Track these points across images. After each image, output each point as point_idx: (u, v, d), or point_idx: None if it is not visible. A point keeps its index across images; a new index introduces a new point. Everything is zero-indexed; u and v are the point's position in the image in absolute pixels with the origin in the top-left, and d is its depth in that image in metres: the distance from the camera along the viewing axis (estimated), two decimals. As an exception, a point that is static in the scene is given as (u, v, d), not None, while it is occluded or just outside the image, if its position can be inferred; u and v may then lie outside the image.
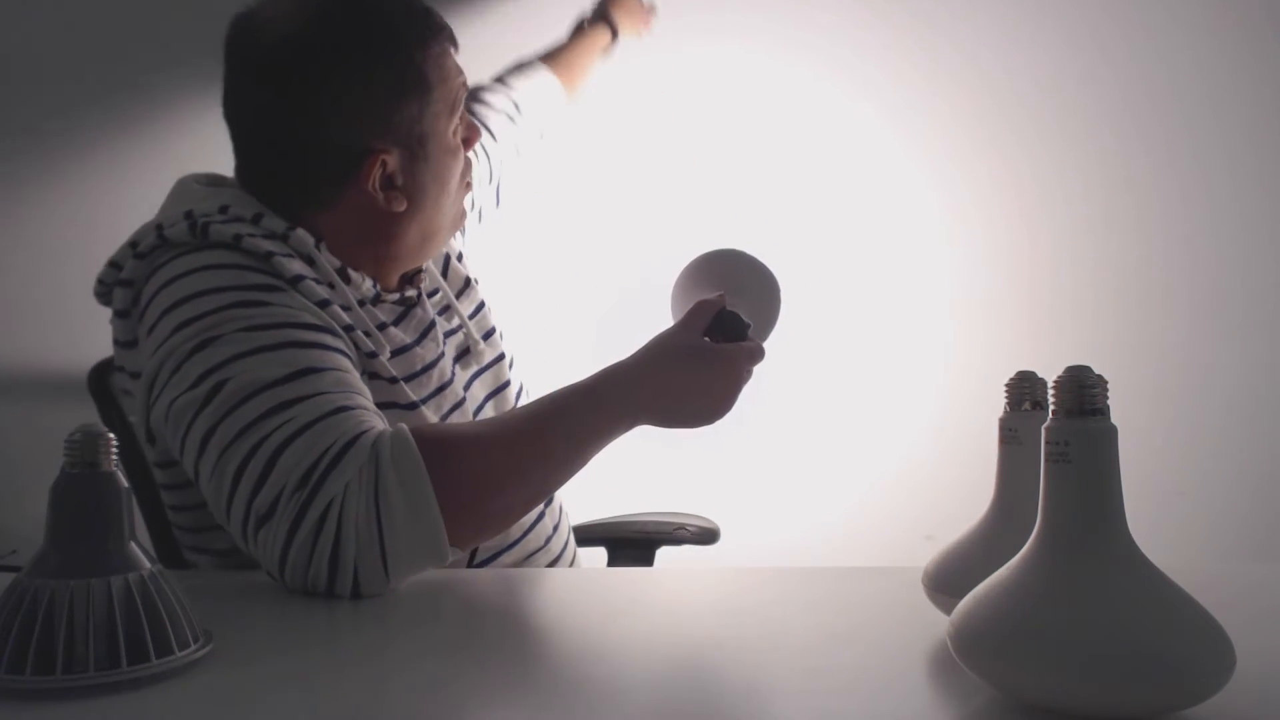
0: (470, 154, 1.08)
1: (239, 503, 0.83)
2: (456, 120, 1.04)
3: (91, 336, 1.19)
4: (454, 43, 1.04)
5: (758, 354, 1.01)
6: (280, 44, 0.97)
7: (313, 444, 0.82)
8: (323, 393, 0.86)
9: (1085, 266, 1.71)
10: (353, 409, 0.86)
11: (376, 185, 0.99)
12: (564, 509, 1.18)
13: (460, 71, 1.04)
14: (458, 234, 1.23)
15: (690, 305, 1.01)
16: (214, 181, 1.05)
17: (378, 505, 0.81)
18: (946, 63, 1.67)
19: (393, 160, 0.99)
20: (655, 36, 1.58)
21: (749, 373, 1.00)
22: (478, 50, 1.12)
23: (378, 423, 0.87)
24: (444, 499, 0.83)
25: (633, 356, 0.97)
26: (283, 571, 0.81)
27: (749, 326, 1.01)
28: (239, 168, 1.03)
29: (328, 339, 0.92)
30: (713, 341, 0.98)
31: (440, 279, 1.13)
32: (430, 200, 1.03)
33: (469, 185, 1.09)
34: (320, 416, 0.84)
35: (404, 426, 0.85)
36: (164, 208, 1.01)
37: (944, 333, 1.70)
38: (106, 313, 1.00)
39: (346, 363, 0.92)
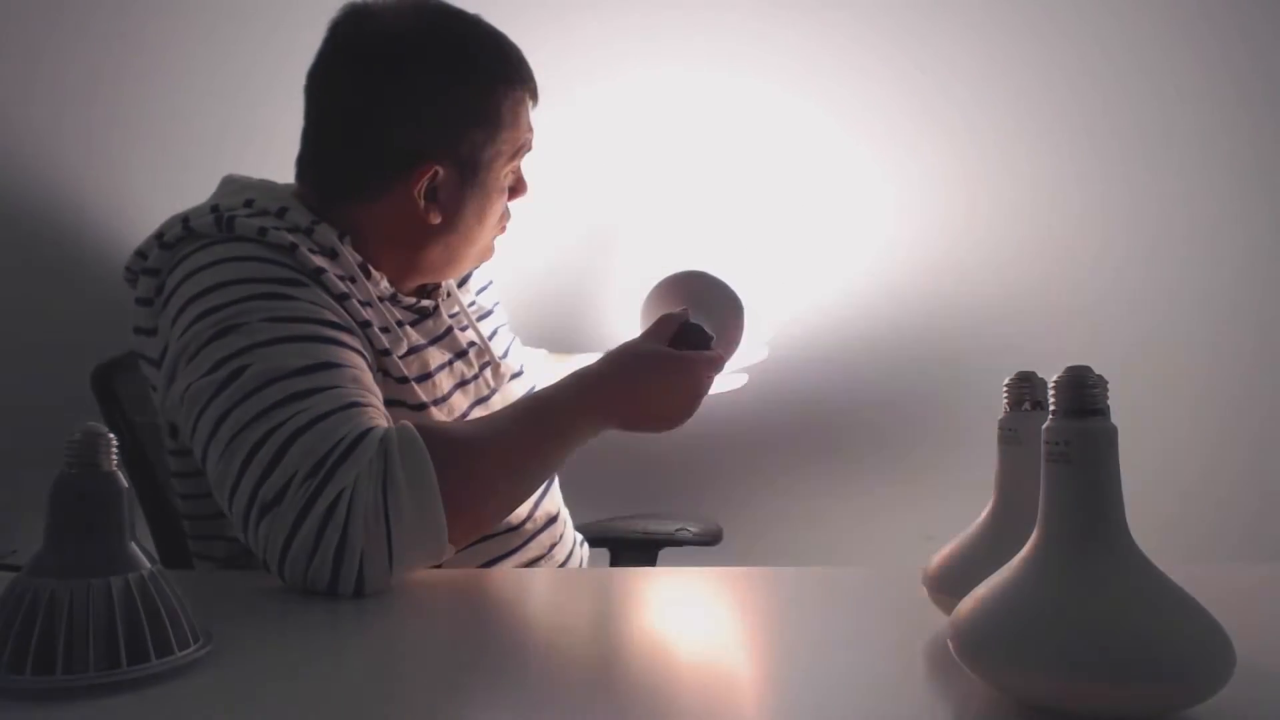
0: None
1: (245, 487, 0.83)
2: (511, 168, 1.09)
3: (94, 336, 1.19)
4: (535, 98, 1.09)
5: (718, 363, 1.05)
6: (382, 37, 1.02)
7: (325, 435, 0.83)
8: (338, 387, 0.87)
9: (1085, 266, 1.70)
10: (365, 406, 0.88)
11: (421, 193, 1.03)
12: (566, 517, 1.18)
13: (531, 128, 1.10)
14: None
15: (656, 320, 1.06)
16: (261, 181, 1.08)
17: (386, 499, 0.82)
18: (943, 60, 1.67)
19: (443, 175, 1.03)
20: (641, 49, 1.60)
21: (710, 380, 1.04)
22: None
23: (385, 423, 0.88)
24: (446, 497, 0.84)
25: (599, 363, 1.01)
26: (283, 561, 0.81)
27: (712, 338, 1.06)
28: (302, 146, 1.07)
29: (346, 337, 0.93)
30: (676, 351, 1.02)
31: (462, 303, 1.16)
32: (464, 226, 1.07)
33: (504, 228, 1.13)
34: (335, 409, 0.85)
35: (408, 424, 0.86)
36: (209, 201, 1.03)
37: (944, 333, 1.70)
38: (109, 312, 1.00)
39: (362, 362, 0.93)
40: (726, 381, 1.21)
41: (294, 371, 0.87)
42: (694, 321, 1.06)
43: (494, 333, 1.20)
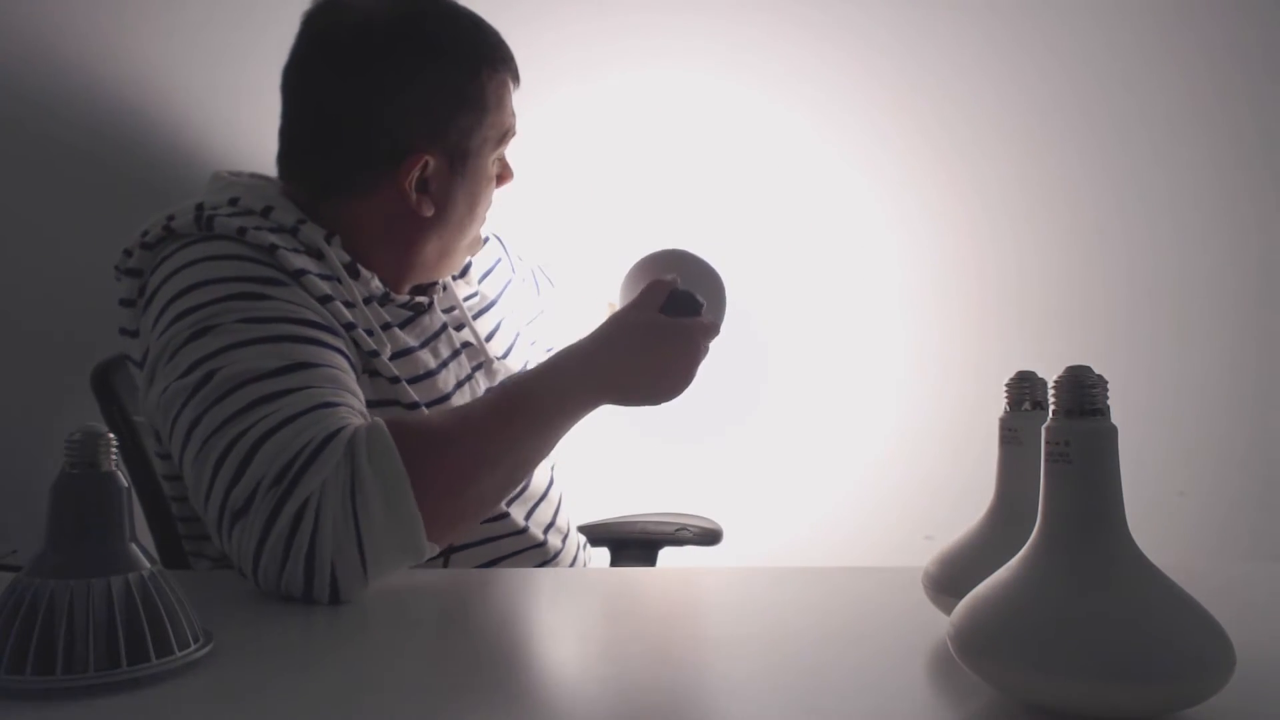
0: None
1: (216, 495, 0.81)
2: (498, 154, 1.07)
3: (94, 335, 1.19)
4: (516, 79, 1.07)
5: (713, 330, 1.00)
6: (360, 28, 0.99)
7: (292, 439, 0.81)
8: (310, 387, 0.85)
9: (1085, 267, 1.71)
10: (337, 405, 0.85)
11: (412, 185, 1.01)
12: (571, 519, 1.17)
13: (514, 113, 1.07)
14: (505, 254, 1.28)
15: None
16: (252, 176, 1.06)
17: (354, 502, 0.79)
18: (945, 61, 1.67)
19: (433, 165, 1.01)
20: (622, 61, 1.60)
21: (706, 348, 0.99)
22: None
23: (359, 421, 0.85)
24: (420, 493, 0.81)
25: (589, 337, 0.96)
26: (256, 570, 0.79)
27: (703, 305, 1.00)
28: (281, 144, 1.05)
29: (326, 337, 0.91)
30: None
31: (457, 298, 1.14)
32: (455, 216, 1.05)
33: (485, 219, 1.11)
34: (303, 411, 0.83)
35: (380, 420, 0.84)
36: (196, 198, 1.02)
37: (944, 333, 1.70)
38: (109, 311, 1.00)
39: (342, 361, 0.91)
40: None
41: (266, 374, 0.84)
42: (684, 289, 1.00)
43: (497, 327, 1.18)
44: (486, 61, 1.02)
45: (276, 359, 0.86)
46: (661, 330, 0.96)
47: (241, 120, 1.50)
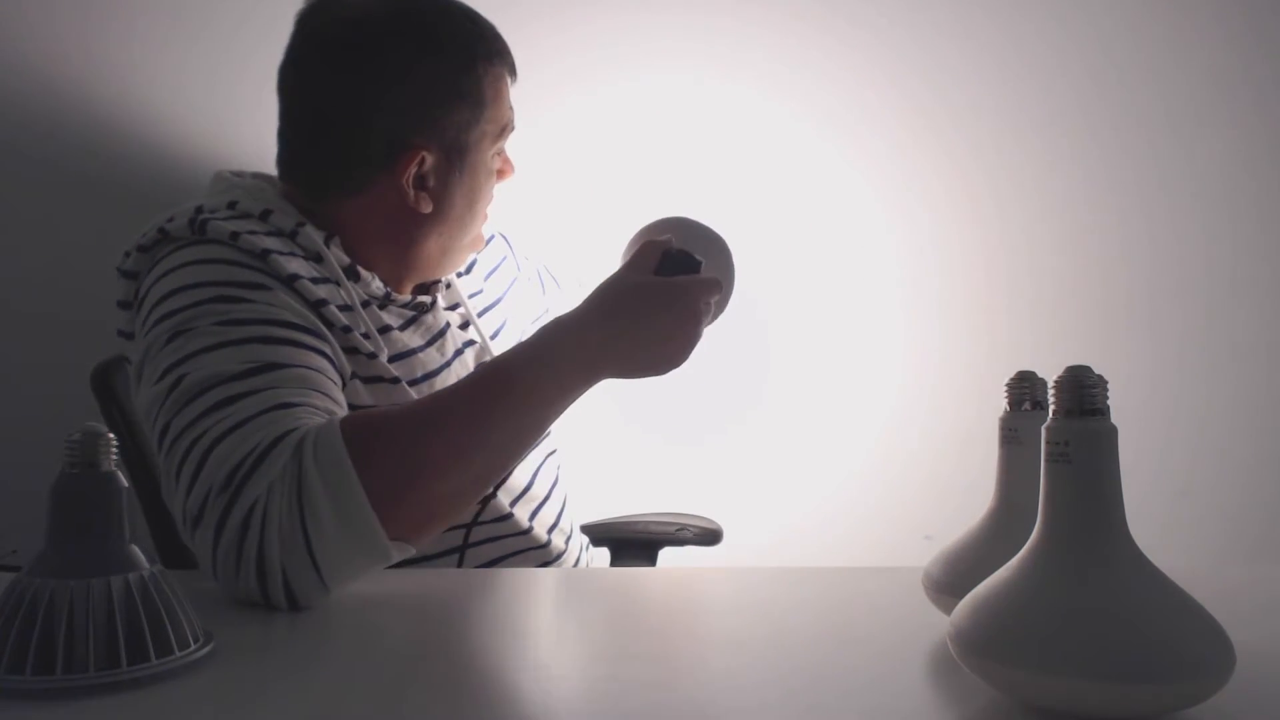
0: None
1: (178, 501, 0.81)
2: (497, 149, 1.06)
3: (94, 335, 1.19)
4: (513, 73, 1.06)
5: (714, 286, 0.91)
6: (354, 24, 0.99)
7: (241, 442, 0.78)
8: (273, 388, 0.82)
9: (1086, 266, 1.70)
10: (296, 405, 0.81)
11: (410, 181, 1.00)
12: (574, 521, 1.17)
13: (512, 107, 1.06)
14: (510, 253, 1.27)
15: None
16: (254, 176, 1.06)
17: (301, 505, 0.76)
18: (945, 59, 1.67)
19: (430, 160, 1.00)
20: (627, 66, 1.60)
21: (709, 306, 0.91)
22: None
23: (318, 421, 0.81)
24: (376, 490, 0.77)
25: (579, 307, 0.89)
26: (215, 576, 0.78)
27: (701, 263, 0.93)
28: (280, 145, 1.04)
29: (306, 338, 0.89)
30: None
31: (462, 295, 1.13)
32: (455, 213, 1.04)
33: (486, 215, 1.10)
34: (258, 413, 0.80)
35: (335, 418, 0.81)
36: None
37: (944, 333, 1.70)
38: (109, 311, 1.00)
39: (321, 363, 0.89)
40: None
41: (230, 377, 0.82)
42: (680, 248, 0.93)
43: (502, 325, 1.17)
44: (482, 55, 1.02)
45: (241, 362, 0.83)
46: (657, 291, 0.88)
47: (243, 120, 1.50)
